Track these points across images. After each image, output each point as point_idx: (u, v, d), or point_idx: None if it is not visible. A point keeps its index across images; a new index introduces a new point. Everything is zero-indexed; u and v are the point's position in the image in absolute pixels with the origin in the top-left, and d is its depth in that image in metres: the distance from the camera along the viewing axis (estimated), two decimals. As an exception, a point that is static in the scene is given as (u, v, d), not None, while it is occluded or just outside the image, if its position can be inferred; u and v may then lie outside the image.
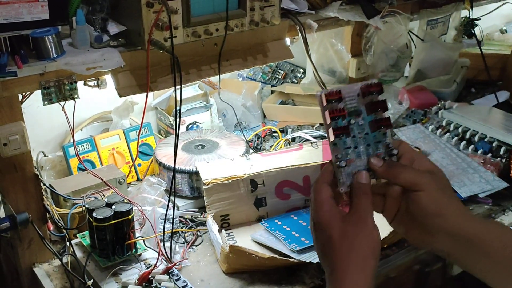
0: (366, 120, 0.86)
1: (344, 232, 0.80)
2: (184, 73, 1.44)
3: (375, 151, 0.86)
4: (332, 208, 0.82)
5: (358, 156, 0.86)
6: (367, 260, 0.79)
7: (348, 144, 0.85)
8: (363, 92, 0.86)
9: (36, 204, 1.35)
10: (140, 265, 1.34)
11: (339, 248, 0.79)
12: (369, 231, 0.80)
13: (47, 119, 1.73)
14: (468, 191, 1.69)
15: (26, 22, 1.24)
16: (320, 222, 0.82)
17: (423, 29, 2.12)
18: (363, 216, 0.81)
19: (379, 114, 0.86)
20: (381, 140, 0.86)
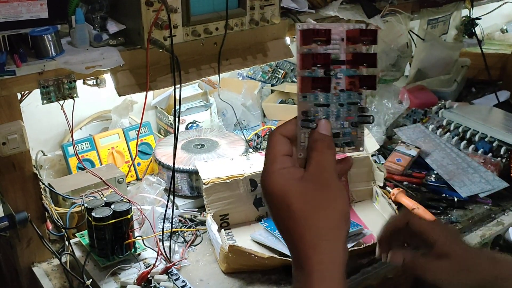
0: (344, 74, 0.71)
1: (306, 198, 0.65)
2: (184, 72, 1.43)
3: (346, 114, 0.72)
4: (287, 169, 0.67)
5: (327, 116, 0.72)
6: (338, 228, 0.66)
7: (319, 100, 0.71)
8: (349, 37, 0.70)
9: (35, 203, 1.35)
10: (139, 265, 1.33)
11: (303, 218, 0.65)
12: (336, 193, 0.67)
13: (46, 118, 1.73)
14: (468, 191, 1.69)
15: (25, 20, 1.24)
16: (272, 188, 0.67)
17: (424, 28, 2.12)
18: (326, 176, 0.67)
19: (362, 70, 0.71)
20: (355, 101, 0.72)
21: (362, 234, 1.44)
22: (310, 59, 0.69)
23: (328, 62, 0.69)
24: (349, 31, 0.70)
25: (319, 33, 0.69)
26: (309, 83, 0.69)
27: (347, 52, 0.71)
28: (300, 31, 0.69)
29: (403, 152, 1.83)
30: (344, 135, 0.73)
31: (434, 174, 1.80)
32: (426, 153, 1.86)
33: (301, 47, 0.69)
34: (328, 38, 0.69)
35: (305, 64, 0.69)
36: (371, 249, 1.43)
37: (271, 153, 0.69)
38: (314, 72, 0.70)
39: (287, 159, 0.69)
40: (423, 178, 1.77)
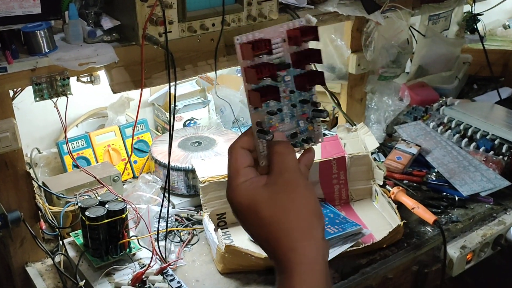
0: (291, 74, 0.70)
1: (273, 203, 0.64)
2: (180, 69, 1.41)
3: (300, 112, 0.72)
4: (250, 180, 0.66)
5: (281, 120, 0.71)
6: (311, 226, 0.64)
7: (271, 108, 0.69)
8: (290, 38, 0.69)
9: (28, 202, 1.32)
10: (134, 265, 1.31)
11: (275, 223, 0.64)
12: (302, 192, 0.65)
13: (41, 115, 1.70)
14: (469, 190, 1.66)
15: (17, 16, 1.21)
16: (239, 201, 0.66)
17: (425, 24, 2.09)
18: (289, 176, 0.66)
19: (309, 67, 0.70)
20: (307, 98, 0.71)
21: (361, 234, 1.42)
22: (254, 72, 0.66)
23: (274, 72, 0.67)
24: (290, 31, 0.69)
25: (259, 46, 0.66)
26: (258, 95, 0.67)
27: (290, 53, 0.69)
28: (239, 45, 0.66)
29: (404, 150, 1.81)
30: (301, 133, 0.73)
31: (434, 173, 1.78)
32: (427, 151, 1.84)
33: (243, 61, 0.67)
34: (269, 49, 0.67)
35: (250, 78, 0.67)
36: (370, 249, 1.41)
37: (233, 167, 0.68)
38: (261, 82, 0.68)
39: (250, 170, 0.68)
40: (424, 177, 1.75)
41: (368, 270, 1.38)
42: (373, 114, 1.97)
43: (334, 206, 1.57)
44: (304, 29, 0.68)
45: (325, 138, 1.66)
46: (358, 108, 1.96)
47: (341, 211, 1.55)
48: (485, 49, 2.24)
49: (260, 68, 0.66)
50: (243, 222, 0.68)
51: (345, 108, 1.91)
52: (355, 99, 1.93)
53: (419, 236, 1.49)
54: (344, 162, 1.58)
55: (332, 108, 2.06)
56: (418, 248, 1.46)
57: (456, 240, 1.53)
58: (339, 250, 1.36)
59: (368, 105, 1.98)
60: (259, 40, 0.66)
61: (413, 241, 1.47)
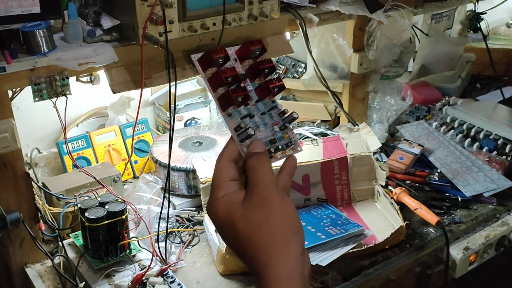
0: (252, 86, 0.73)
1: (248, 219, 0.64)
2: (180, 69, 1.39)
3: (271, 121, 0.74)
4: (229, 195, 0.67)
5: (257, 127, 0.73)
6: (287, 241, 0.64)
7: (243, 113, 0.72)
8: (240, 57, 0.73)
9: (27, 203, 1.31)
10: (134, 267, 1.30)
11: (250, 240, 0.64)
12: (276, 208, 0.65)
13: (41, 114, 1.69)
14: (472, 190, 1.65)
15: (16, 15, 1.20)
16: (218, 215, 0.67)
17: (428, 23, 2.07)
18: (265, 193, 0.65)
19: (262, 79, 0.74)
20: (272, 106, 0.74)
21: (363, 235, 1.41)
22: (217, 78, 0.69)
23: (236, 74, 0.70)
24: (238, 51, 0.73)
25: (216, 51, 0.69)
26: (228, 96, 0.70)
27: (244, 68, 0.73)
28: (197, 61, 0.71)
29: (406, 150, 1.79)
30: (279, 140, 0.74)
31: (437, 173, 1.76)
32: (430, 151, 1.83)
33: (205, 73, 0.71)
34: (226, 54, 0.70)
35: (216, 84, 0.70)
36: (372, 251, 1.40)
37: (215, 180, 0.68)
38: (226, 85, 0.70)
39: (231, 184, 0.68)
40: (426, 177, 1.74)
41: (371, 272, 1.37)
42: (375, 114, 1.96)
43: (336, 206, 1.56)
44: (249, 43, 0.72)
45: (327, 138, 1.65)
46: (360, 108, 1.94)
47: (343, 212, 1.54)
48: (488, 48, 2.23)
49: (223, 69, 0.69)
50: (221, 235, 0.69)
51: (347, 107, 1.90)
52: (357, 98, 1.92)
53: (422, 237, 1.48)
54: (346, 163, 1.57)
55: (334, 107, 2.04)
56: (421, 250, 1.45)
57: (459, 241, 1.51)
58: (341, 251, 1.35)
59: (370, 105, 1.97)
60: (215, 49, 0.70)
61: (416, 242, 1.46)
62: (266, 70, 0.73)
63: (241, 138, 0.71)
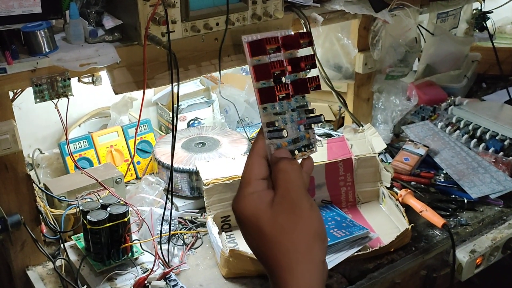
0: (289, 79, 0.70)
1: (275, 222, 0.64)
2: (183, 69, 1.38)
3: (298, 118, 0.73)
4: (257, 193, 0.66)
5: (285, 123, 0.71)
6: (311, 249, 0.64)
7: (277, 109, 0.70)
8: (284, 44, 0.70)
9: (28, 206, 1.30)
10: (136, 270, 1.29)
11: (275, 243, 0.63)
12: (306, 214, 0.65)
13: (44, 115, 1.68)
14: (478, 192, 1.63)
15: (17, 15, 1.19)
16: (244, 213, 0.66)
17: (433, 22, 2.04)
18: (297, 199, 0.65)
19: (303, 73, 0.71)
20: (302, 104, 0.72)
21: (368, 237, 1.39)
22: (265, 70, 0.66)
23: (283, 69, 0.68)
24: (284, 38, 0.70)
25: (271, 41, 0.67)
26: (270, 92, 0.67)
27: (285, 58, 0.70)
28: (247, 43, 0.67)
29: (411, 151, 1.77)
30: (300, 139, 0.73)
31: (443, 174, 1.74)
32: (435, 152, 1.81)
33: (252, 59, 0.68)
34: (279, 45, 0.68)
35: (260, 75, 0.67)
36: (377, 254, 1.38)
37: (245, 177, 0.68)
38: (269, 81, 0.68)
39: (260, 183, 0.67)
40: (432, 178, 1.71)
41: (376, 275, 1.35)
42: (380, 114, 1.94)
43: (341, 208, 1.54)
44: (298, 35, 0.69)
45: (332, 139, 1.63)
46: (365, 108, 1.92)
47: (348, 214, 1.52)
48: (495, 47, 2.20)
49: (273, 63, 0.66)
50: (244, 233, 0.68)
51: (351, 108, 1.88)
52: (362, 99, 1.90)
53: (427, 240, 1.46)
54: (351, 164, 1.55)
55: (338, 108, 2.03)
56: (427, 252, 1.43)
57: (465, 244, 1.49)
58: (346, 254, 1.33)
59: (375, 105, 1.95)
60: (270, 37, 0.67)
61: (421, 245, 1.44)
62: (307, 66, 0.70)
63: (271, 136, 0.69)
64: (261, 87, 0.68)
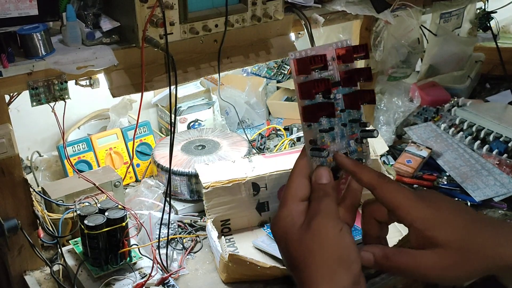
0: (341, 92, 0.69)
1: (301, 246, 0.65)
2: (182, 71, 1.36)
3: (349, 132, 0.71)
4: (291, 216, 0.67)
5: (333, 139, 0.70)
6: (333, 274, 0.63)
7: (324, 125, 0.69)
8: (339, 56, 0.68)
9: (25, 210, 1.29)
10: (135, 275, 1.27)
11: (301, 265, 0.65)
12: (331, 238, 0.64)
13: (42, 117, 1.65)
14: (482, 195, 1.61)
15: (13, 18, 1.18)
16: (277, 232, 0.68)
17: (436, 22, 2.02)
18: (323, 222, 0.65)
19: (358, 86, 0.70)
20: (356, 117, 0.70)
21: (369, 242, 1.37)
22: (311, 86, 0.66)
23: (329, 87, 0.67)
24: (339, 50, 0.68)
25: (316, 60, 0.65)
26: (314, 110, 0.67)
27: (340, 71, 0.69)
28: (294, 60, 0.66)
29: (414, 153, 1.75)
30: (351, 153, 0.72)
31: (446, 176, 1.72)
32: (438, 154, 1.78)
33: (298, 76, 0.67)
34: (325, 64, 0.66)
35: (306, 93, 0.66)
36: (379, 258, 1.36)
37: (283, 198, 0.69)
38: (314, 99, 0.67)
39: (297, 204, 0.68)
40: (435, 181, 1.69)
41: (378, 280, 1.33)
42: (382, 116, 1.92)
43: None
44: (353, 48, 0.68)
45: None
46: (366, 110, 1.90)
47: (349, 218, 1.50)
48: (498, 47, 2.17)
49: (316, 82, 0.66)
50: (279, 249, 0.70)
51: (353, 109, 1.85)
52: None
53: (430, 244, 1.44)
54: (352, 167, 1.53)
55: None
56: (429, 257, 1.41)
57: (468, 248, 1.47)
58: (347, 259, 1.31)
59: (377, 106, 1.93)
60: (315, 56, 0.66)
61: (424, 249, 1.42)
62: (362, 79, 0.69)
63: (313, 154, 0.69)
64: (305, 105, 0.67)
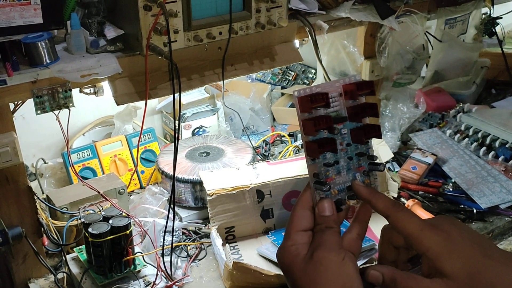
0: (348, 127, 0.71)
1: (305, 276, 0.67)
2: (186, 79, 1.36)
3: (356, 165, 0.73)
4: (295, 246, 0.69)
5: (338, 172, 0.71)
6: None
7: (328, 159, 0.71)
8: (346, 92, 0.70)
9: (30, 218, 1.29)
10: (139, 283, 1.27)
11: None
12: (334, 270, 0.66)
13: (47, 123, 1.65)
14: (488, 202, 1.60)
15: (18, 26, 1.18)
16: (283, 263, 0.70)
17: (441, 28, 2.01)
18: (325, 253, 0.67)
19: (365, 121, 0.71)
20: (363, 151, 0.73)
21: (374, 249, 1.36)
22: (312, 124, 0.68)
23: (331, 125, 0.69)
24: (346, 86, 0.70)
25: (317, 99, 0.68)
26: (316, 147, 0.69)
27: (347, 106, 0.71)
28: (298, 98, 0.68)
29: (419, 159, 1.74)
30: None
31: (451, 183, 1.71)
32: (443, 160, 1.77)
33: (301, 113, 0.69)
34: (327, 102, 0.69)
35: (308, 130, 0.69)
36: (384, 266, 1.35)
37: (287, 229, 0.71)
38: (318, 134, 0.69)
39: (300, 235, 0.70)
40: (440, 188, 1.68)
41: (382, 288, 1.32)
42: (387, 122, 1.91)
43: (347, 219, 1.51)
44: (360, 84, 0.70)
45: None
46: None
47: (354, 225, 1.49)
48: (504, 53, 2.17)
49: (318, 120, 0.68)
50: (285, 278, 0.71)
51: (358, 115, 1.85)
52: (369, 106, 1.87)
53: (436, 252, 1.43)
54: (357, 174, 1.53)
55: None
56: (435, 265, 1.40)
57: (474, 256, 1.46)
58: (352, 267, 1.30)
59: (383, 113, 1.92)
60: (317, 94, 0.68)
61: (429, 257, 1.41)
62: (367, 116, 0.71)
63: (317, 187, 0.70)
64: (308, 141, 0.69)
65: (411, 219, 0.67)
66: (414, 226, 0.66)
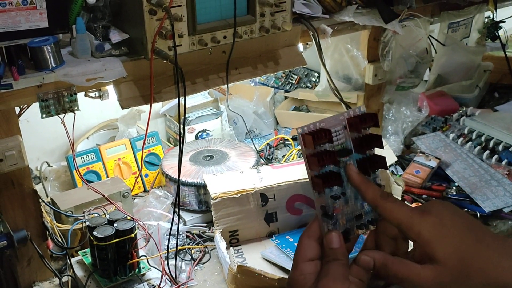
0: (353, 158, 0.72)
1: None
2: (190, 83, 1.37)
3: None
4: (303, 276, 0.70)
5: (346, 202, 0.72)
6: None
7: (335, 191, 0.71)
8: (351, 125, 0.71)
9: (35, 221, 1.29)
10: (143, 286, 1.27)
11: None
12: None
13: (52, 127, 1.66)
14: (491, 206, 1.60)
15: (24, 30, 1.19)
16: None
17: (444, 32, 2.02)
18: (330, 284, 0.67)
19: (370, 152, 0.72)
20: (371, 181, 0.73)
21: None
22: (316, 160, 0.69)
23: (335, 160, 0.70)
24: (350, 119, 0.71)
25: (320, 136, 0.69)
26: (320, 182, 0.69)
27: (352, 138, 0.71)
28: (301, 135, 0.69)
29: (422, 163, 1.74)
30: (366, 214, 0.73)
31: (455, 187, 1.71)
32: (447, 164, 1.78)
33: (306, 149, 0.70)
34: (329, 138, 0.69)
35: (313, 166, 0.69)
36: (388, 270, 1.35)
37: (295, 259, 0.71)
38: (323, 168, 0.70)
39: (308, 265, 0.70)
40: (443, 191, 1.69)
41: (386, 292, 1.32)
42: (390, 126, 1.91)
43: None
44: (363, 116, 0.71)
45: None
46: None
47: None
48: (507, 57, 2.17)
49: (322, 156, 0.69)
50: None
51: (361, 119, 1.85)
52: (372, 110, 1.87)
53: (440, 255, 1.43)
54: (360, 177, 1.53)
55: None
56: (439, 268, 1.40)
57: (478, 259, 1.46)
58: (356, 271, 1.30)
59: (386, 116, 1.92)
60: (320, 130, 0.69)
61: (433, 260, 1.41)
62: (372, 149, 0.72)
63: (323, 220, 0.71)
64: (313, 176, 0.70)
65: (400, 208, 0.67)
66: (403, 213, 0.66)
